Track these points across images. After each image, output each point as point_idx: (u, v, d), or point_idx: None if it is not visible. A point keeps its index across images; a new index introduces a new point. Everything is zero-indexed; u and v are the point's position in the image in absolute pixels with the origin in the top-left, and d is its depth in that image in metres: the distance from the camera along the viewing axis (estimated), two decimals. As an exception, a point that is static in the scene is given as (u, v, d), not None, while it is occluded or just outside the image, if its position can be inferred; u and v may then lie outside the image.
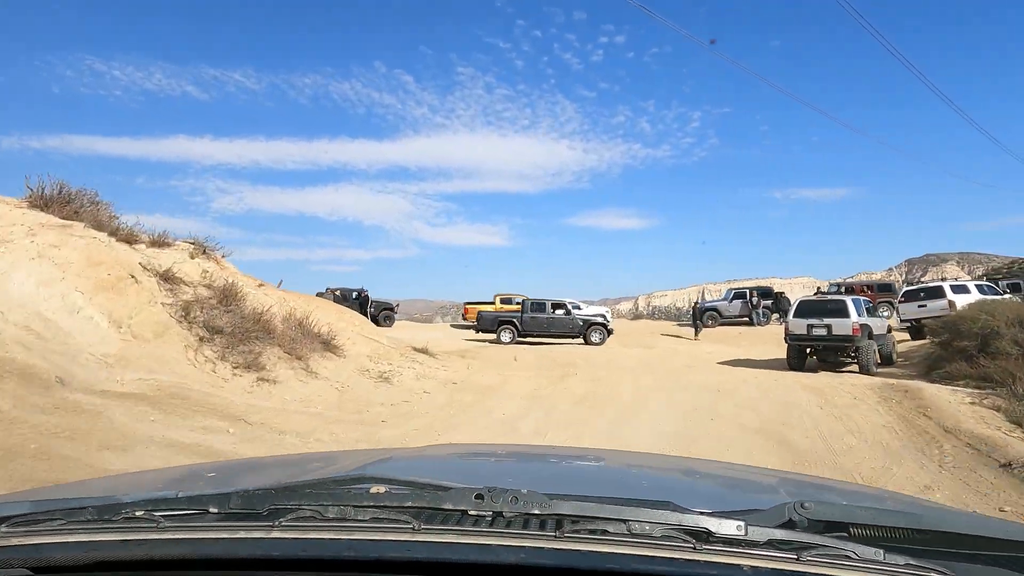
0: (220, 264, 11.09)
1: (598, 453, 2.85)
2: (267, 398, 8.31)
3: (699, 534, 0.86)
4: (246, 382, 8.61)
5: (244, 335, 9.53)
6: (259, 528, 0.90)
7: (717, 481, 1.91)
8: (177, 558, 0.86)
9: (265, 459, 3.21)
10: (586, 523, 0.88)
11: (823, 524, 0.95)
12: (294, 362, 9.88)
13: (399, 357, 12.94)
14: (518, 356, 16.44)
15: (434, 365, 13.11)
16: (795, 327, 14.71)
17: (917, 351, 17.03)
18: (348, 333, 12.95)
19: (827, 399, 10.27)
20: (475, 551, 0.84)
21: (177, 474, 1.98)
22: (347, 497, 0.97)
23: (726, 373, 14.14)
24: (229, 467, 2.20)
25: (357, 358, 11.69)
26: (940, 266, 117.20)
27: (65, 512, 0.96)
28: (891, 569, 0.82)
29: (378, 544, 0.87)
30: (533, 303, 22.24)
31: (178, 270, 9.95)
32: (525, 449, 3.33)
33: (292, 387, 9.03)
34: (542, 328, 21.61)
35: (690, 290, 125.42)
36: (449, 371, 12.67)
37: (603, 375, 13.47)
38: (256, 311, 10.34)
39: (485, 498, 0.93)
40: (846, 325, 14.03)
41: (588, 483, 1.82)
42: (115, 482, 1.76)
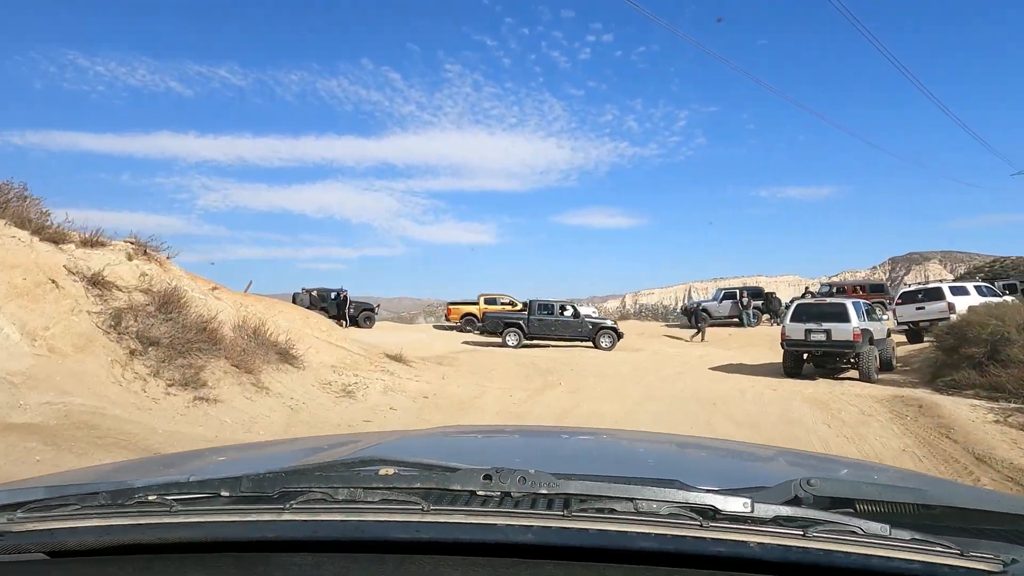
0: (164, 266, 9.92)
1: (605, 432, 2.81)
2: (201, 422, 7.18)
3: (705, 512, 0.86)
4: (180, 402, 7.48)
5: (184, 347, 8.39)
6: (270, 511, 0.89)
7: (723, 459, 1.92)
8: (189, 541, 0.87)
9: (275, 442, 3.12)
10: (593, 502, 0.88)
11: (829, 500, 0.95)
12: (242, 376, 8.74)
13: (368, 366, 11.83)
14: (499, 363, 15.38)
15: (406, 375, 12.01)
16: (792, 332, 13.77)
17: (916, 356, 16.19)
18: (311, 340, 11.82)
19: (833, 414, 9.31)
20: (483, 531, 0.84)
21: (188, 458, 1.98)
22: (356, 479, 0.97)
23: (720, 382, 13.17)
24: (239, 451, 2.19)
25: (319, 369, 10.57)
26: (923, 264, 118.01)
27: (79, 497, 0.96)
28: (897, 544, 0.81)
29: (387, 525, 0.86)
30: (540, 305, 21.01)
31: (111, 273, 8.77)
32: (533, 429, 3.17)
33: (235, 406, 7.91)
34: (549, 331, 20.46)
35: (677, 288, 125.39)
36: (422, 382, 11.58)
37: (589, 385, 12.45)
38: (202, 319, 9.20)
39: (493, 479, 0.92)
40: (846, 331, 13.12)
41: (595, 462, 1.79)
42: (127, 467, 1.75)
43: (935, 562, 0.79)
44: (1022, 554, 0.83)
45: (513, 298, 28.75)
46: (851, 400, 10.69)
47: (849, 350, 13.18)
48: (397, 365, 12.88)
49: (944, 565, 0.78)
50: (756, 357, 18.14)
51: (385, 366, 12.32)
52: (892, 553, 0.80)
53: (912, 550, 0.80)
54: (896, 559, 0.79)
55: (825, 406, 10.06)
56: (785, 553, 0.80)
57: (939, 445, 7.13)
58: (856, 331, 13.05)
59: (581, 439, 2.26)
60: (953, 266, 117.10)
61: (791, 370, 14.11)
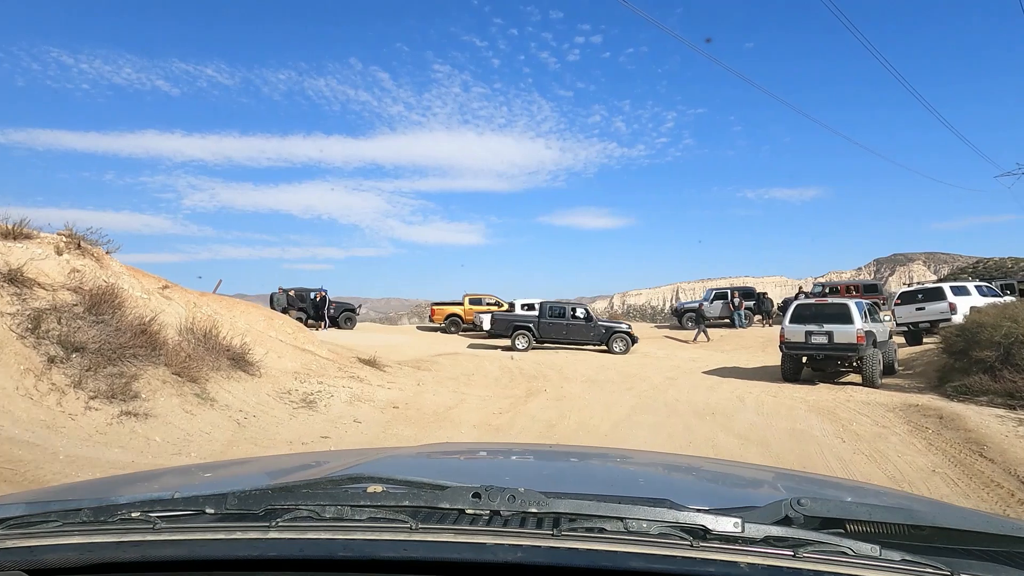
0: (101, 261, 8.80)
1: (595, 451, 2.89)
2: (122, 442, 6.11)
3: (696, 532, 0.85)
4: (101, 419, 6.40)
5: (116, 353, 7.30)
6: (256, 528, 0.88)
7: (714, 478, 1.90)
8: (173, 559, 0.85)
9: (262, 459, 3.04)
10: (583, 521, 0.87)
11: (819, 521, 0.94)
12: (185, 386, 7.67)
13: (336, 373, 10.77)
14: (482, 367, 14.37)
15: (378, 381, 10.97)
16: (792, 334, 12.88)
17: (918, 358, 15.39)
18: (273, 344, 10.75)
19: (844, 426, 8.40)
20: (472, 550, 0.83)
21: (173, 474, 1.94)
22: (344, 497, 0.96)
23: (716, 388, 12.25)
24: (225, 467, 2.14)
25: (279, 376, 9.50)
26: (907, 265, 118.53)
27: (60, 513, 0.94)
28: (887, 565, 0.81)
29: (375, 544, 0.85)
30: (551, 307, 20.03)
31: (33, 269, 7.67)
32: (522, 447, 3.23)
33: (170, 422, 6.84)
34: (560, 335, 19.45)
35: (664, 289, 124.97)
36: (394, 390, 10.54)
37: (576, 392, 11.47)
38: (143, 321, 8.11)
39: (482, 497, 0.91)
40: (849, 333, 12.25)
41: (585, 481, 1.77)
42: (111, 483, 1.73)
43: None
44: (1010, 575, 0.84)
45: (499, 299, 27.75)
46: (859, 409, 9.80)
47: (852, 353, 12.32)
48: (369, 370, 11.83)
49: None
50: (750, 360, 17.29)
51: (356, 372, 11.26)
52: (882, 574, 0.79)
53: (902, 571, 0.80)
54: None
55: (833, 416, 9.15)
56: (774, 574, 0.79)
57: (973, 465, 6.21)
58: (860, 333, 12.19)
59: (571, 458, 2.22)
60: (937, 267, 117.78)
61: (790, 374, 13.23)
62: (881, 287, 25.06)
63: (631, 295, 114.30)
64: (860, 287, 24.92)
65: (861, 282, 26.24)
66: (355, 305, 27.26)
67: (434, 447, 2.65)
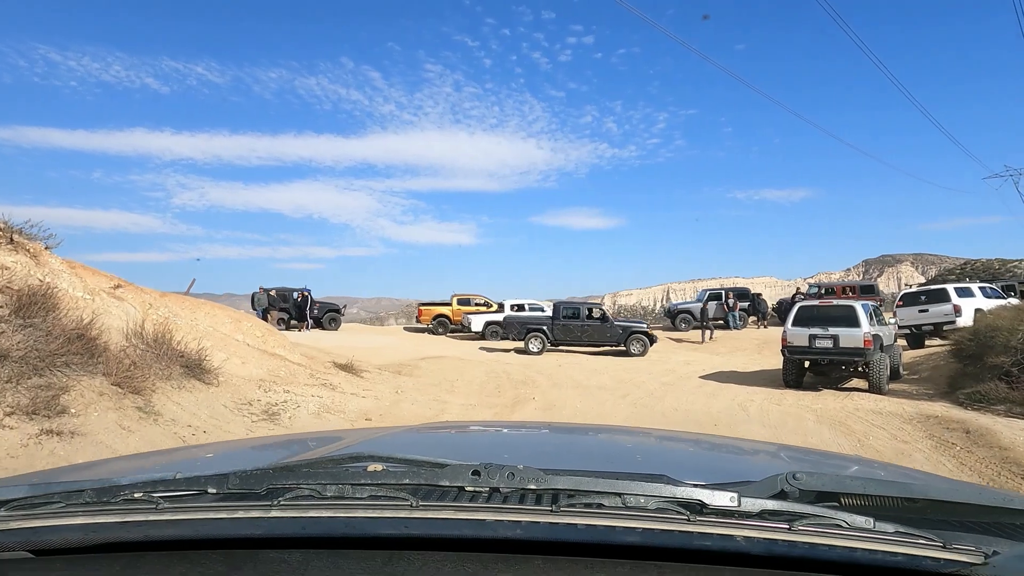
0: (38, 258, 7.86)
1: (593, 428, 2.91)
2: (41, 465, 5.19)
3: (693, 506, 0.85)
4: (17, 438, 5.48)
5: (45, 361, 6.39)
6: (257, 507, 0.88)
7: (710, 454, 1.91)
8: (176, 539, 0.85)
9: (263, 439, 2.96)
10: (582, 497, 0.87)
11: (814, 494, 0.95)
12: (125, 399, 6.75)
13: (307, 380, 9.87)
14: (467, 372, 13.50)
15: (352, 389, 10.08)
16: (795, 337, 12.11)
17: (923, 362, 14.68)
18: (239, 348, 9.83)
19: (860, 440, 7.61)
20: (472, 527, 0.84)
21: (175, 456, 1.92)
22: (345, 475, 0.95)
23: (715, 395, 11.45)
24: (227, 448, 2.16)
25: (240, 385, 8.60)
26: (895, 266, 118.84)
27: (63, 495, 0.94)
28: (881, 537, 0.81)
29: (376, 521, 0.86)
30: (565, 307, 19.14)
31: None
32: (521, 424, 3.20)
33: (102, 441, 5.93)
34: (575, 336, 18.58)
35: (655, 289, 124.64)
36: (369, 398, 9.66)
37: (567, 400, 10.63)
38: (80, 325, 7.19)
39: (482, 474, 0.91)
40: (856, 336, 11.49)
41: (584, 458, 1.78)
42: (113, 465, 1.73)
43: (918, 554, 0.79)
44: (1003, 546, 0.84)
45: (487, 299, 26.88)
46: (871, 419, 9.03)
47: (859, 358, 11.55)
48: (345, 377, 10.94)
49: (927, 557, 0.79)
50: (747, 363, 16.53)
51: (329, 378, 10.37)
52: (876, 546, 0.80)
53: (896, 543, 0.80)
54: (880, 551, 0.79)
55: (846, 428, 8.37)
56: (771, 546, 0.79)
57: (1020, 490, 5.42)
58: (867, 337, 11.43)
59: (569, 435, 2.21)
60: (924, 268, 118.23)
61: (792, 380, 12.46)
62: (878, 288, 24.38)
63: (622, 295, 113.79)
64: (856, 288, 24.26)
65: (857, 283, 25.56)
66: (340, 305, 26.31)
67: (434, 425, 2.53)
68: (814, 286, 25.98)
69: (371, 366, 13.07)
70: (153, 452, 2.94)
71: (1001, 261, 64.28)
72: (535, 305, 25.18)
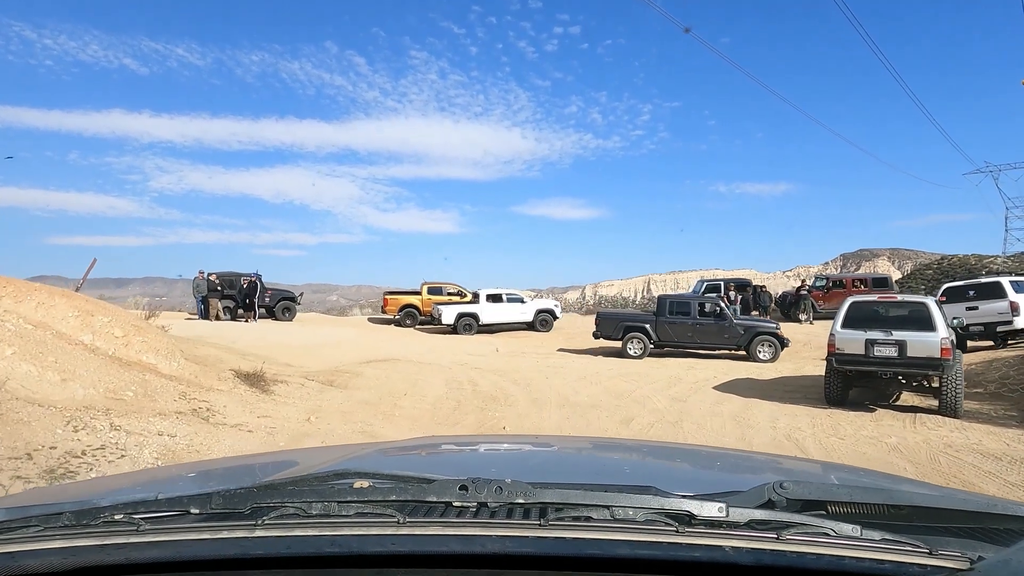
0: None
1: (581, 440, 2.87)
2: None
3: (681, 517, 0.84)
4: None
5: None
6: (242, 527, 0.85)
7: (698, 465, 1.89)
8: (158, 561, 0.82)
9: (246, 458, 2.90)
10: (570, 510, 0.86)
11: (801, 503, 0.94)
12: None
13: (170, 402, 6.60)
14: (422, 382, 10.30)
15: (240, 415, 6.84)
16: (847, 343, 9.10)
17: (982, 372, 11.81)
18: (73, 356, 6.52)
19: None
20: (460, 542, 0.81)
21: (156, 476, 1.88)
22: (330, 493, 0.92)
23: (748, 418, 8.40)
24: (209, 467, 2.03)
25: (33, 419, 5.30)
26: (872, 261, 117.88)
27: (41, 518, 0.90)
28: (869, 544, 0.80)
29: (363, 539, 0.83)
30: (673, 302, 15.68)
31: None
32: (508, 439, 3.11)
33: None
34: (685, 337, 15.24)
35: (636, 280, 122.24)
36: (260, 431, 6.42)
37: (549, 424, 7.51)
38: None
39: (469, 489, 0.89)
40: (930, 344, 8.53)
41: (571, 471, 1.74)
42: (93, 486, 1.71)
43: (905, 561, 0.78)
44: (989, 551, 0.83)
45: (461, 288, 23.68)
46: (971, 460, 6.11)
47: (933, 371, 8.58)
48: (242, 393, 7.68)
49: (914, 564, 0.78)
50: (761, 369, 13.59)
51: (211, 400, 7.10)
52: (863, 554, 0.79)
53: (883, 550, 0.80)
54: (867, 559, 0.79)
55: (960, 481, 5.36)
56: (759, 556, 0.79)
57: None
58: (945, 345, 8.47)
59: (557, 448, 2.16)
60: (901, 263, 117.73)
61: (837, 396, 9.48)
62: (891, 282, 21.58)
63: (603, 286, 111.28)
64: (868, 281, 21.46)
65: (870, 276, 22.68)
66: (295, 293, 22.87)
67: (420, 441, 2.44)
68: (820, 278, 23.14)
69: (297, 374, 9.82)
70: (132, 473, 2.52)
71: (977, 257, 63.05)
72: (513, 295, 22.04)
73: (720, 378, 12.13)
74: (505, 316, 21.48)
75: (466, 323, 20.81)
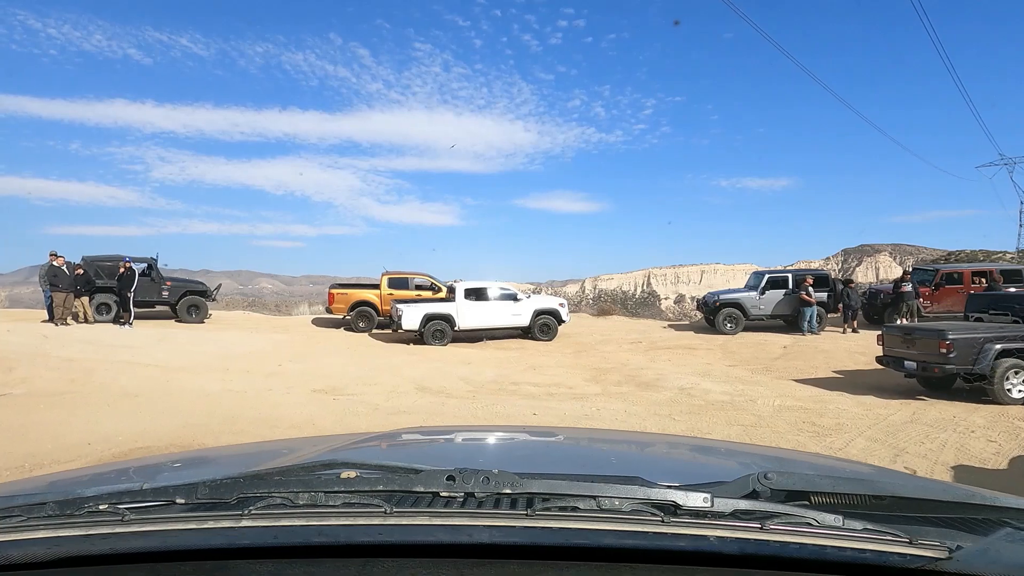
0: None
1: (568, 431, 2.76)
2: None
3: (667, 507, 0.83)
4: None
5: None
6: (228, 517, 0.82)
7: (684, 456, 1.86)
8: (144, 551, 0.78)
9: (232, 447, 2.81)
10: (556, 501, 0.84)
11: (785, 494, 0.92)
12: None
13: None
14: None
15: None
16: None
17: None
18: None
19: None
20: (447, 532, 0.80)
21: (141, 466, 1.72)
22: (317, 483, 0.89)
23: None
24: (195, 457, 1.96)
25: None
26: (873, 256, 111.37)
27: (25, 508, 0.85)
28: (850, 534, 0.79)
29: (350, 529, 0.80)
30: None
31: None
32: (496, 429, 3.03)
33: None
34: None
35: (636, 274, 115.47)
36: None
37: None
38: None
39: (456, 479, 0.87)
40: None
41: (559, 461, 1.68)
42: (77, 476, 1.58)
43: (885, 550, 0.78)
44: (967, 540, 0.83)
45: (435, 279, 16.94)
46: None
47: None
48: None
49: (894, 553, 0.77)
50: (904, 412, 7.02)
51: None
52: (845, 543, 0.78)
53: (864, 539, 0.79)
54: (849, 548, 0.78)
55: None
56: (743, 546, 0.78)
57: None
58: None
59: (544, 439, 2.08)
60: (902, 258, 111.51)
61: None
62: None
63: (603, 279, 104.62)
64: (995, 273, 14.76)
65: (996, 267, 15.99)
66: (207, 287, 16.08)
67: (408, 431, 2.29)
68: (921, 268, 16.47)
69: None
70: (117, 463, 2.44)
71: (985, 252, 58.09)
72: (505, 290, 15.32)
73: (823, 419, 5.49)
74: (491, 318, 14.80)
75: (437, 328, 14.13)
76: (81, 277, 13.37)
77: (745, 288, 15.90)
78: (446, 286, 16.23)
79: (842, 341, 13.84)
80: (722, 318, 14.95)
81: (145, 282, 14.77)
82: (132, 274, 13.50)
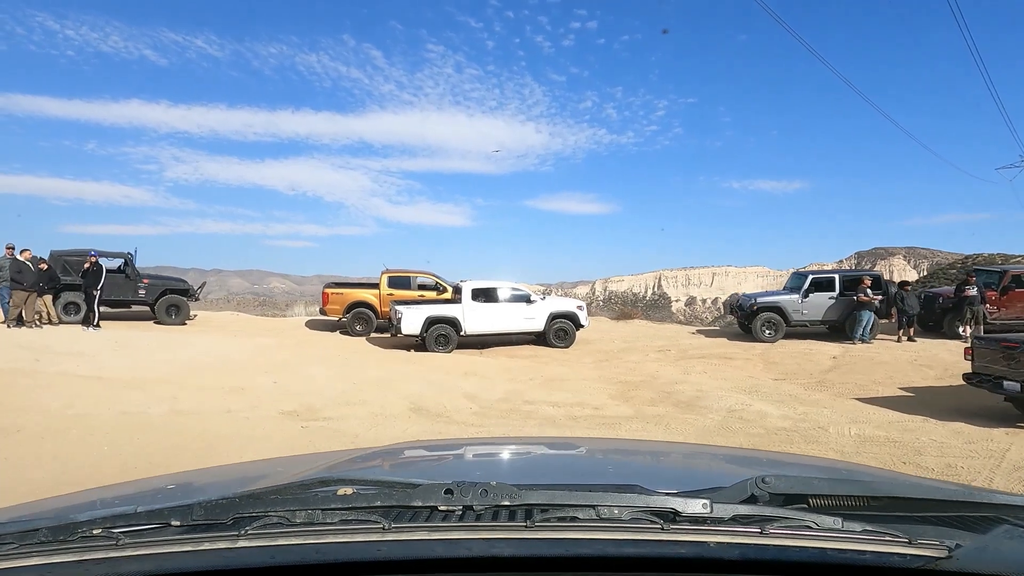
0: None
1: (565, 441, 2.74)
2: None
3: (666, 515, 0.82)
4: None
5: None
6: (224, 538, 0.79)
7: (682, 462, 1.83)
8: (139, 575, 0.76)
9: (226, 467, 2.59)
10: (555, 511, 0.82)
11: (784, 497, 0.91)
12: None
13: None
14: None
15: None
16: None
17: None
18: None
19: None
20: (445, 546, 0.78)
21: (135, 488, 1.69)
22: (314, 501, 0.86)
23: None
24: (190, 478, 1.87)
25: None
26: (888, 259, 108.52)
27: (17, 535, 0.82)
28: (850, 536, 0.79)
29: (348, 546, 0.78)
30: None
31: None
32: (493, 441, 3.01)
33: None
34: None
35: (647, 276, 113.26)
36: None
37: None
38: None
39: (454, 493, 0.85)
40: None
41: (557, 471, 1.66)
42: (69, 500, 1.48)
43: (885, 551, 0.77)
44: (965, 539, 0.82)
45: (440, 279, 15.28)
46: None
47: None
48: None
49: (894, 554, 0.77)
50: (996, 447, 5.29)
51: None
52: (845, 545, 0.78)
53: (864, 541, 0.78)
54: (849, 550, 0.77)
55: None
56: (743, 551, 0.77)
57: None
58: None
59: (541, 450, 2.04)
60: (917, 262, 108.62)
61: None
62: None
63: (613, 281, 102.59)
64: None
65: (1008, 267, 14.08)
66: (190, 285, 14.49)
67: (404, 446, 2.32)
68: (984, 269, 14.62)
69: None
70: (110, 486, 2.13)
71: (1004, 256, 55.75)
72: (517, 291, 13.61)
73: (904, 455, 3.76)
74: (501, 322, 13.10)
75: (440, 333, 12.45)
76: (45, 273, 11.82)
77: (785, 290, 14.06)
78: (452, 286, 14.56)
79: (899, 351, 12.01)
80: (760, 323, 13.13)
81: (119, 280, 13.22)
82: (99, 270, 11.92)
